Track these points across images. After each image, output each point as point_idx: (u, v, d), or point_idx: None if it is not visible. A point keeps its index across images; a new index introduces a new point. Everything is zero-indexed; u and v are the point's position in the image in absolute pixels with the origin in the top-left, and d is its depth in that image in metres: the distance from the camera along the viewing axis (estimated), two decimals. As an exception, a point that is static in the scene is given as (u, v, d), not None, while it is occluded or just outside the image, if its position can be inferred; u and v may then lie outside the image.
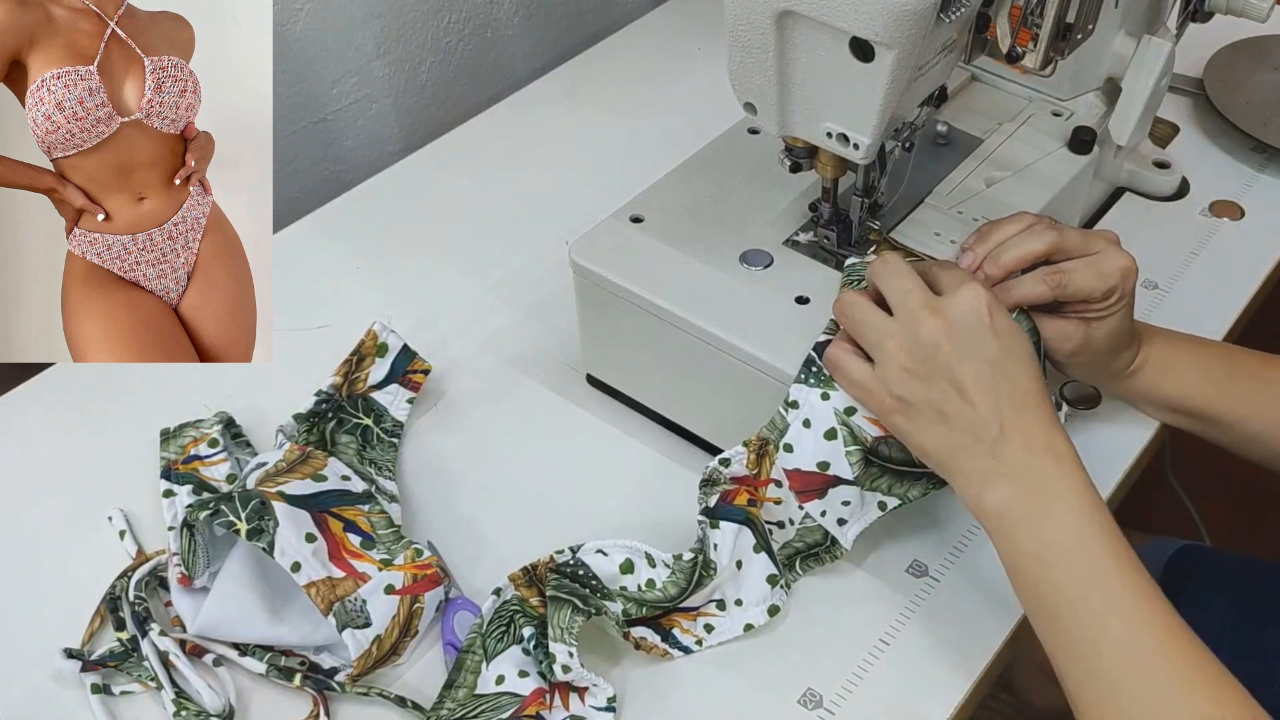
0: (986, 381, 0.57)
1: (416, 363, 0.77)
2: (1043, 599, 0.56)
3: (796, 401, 0.63)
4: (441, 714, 0.60)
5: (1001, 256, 0.63)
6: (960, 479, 0.58)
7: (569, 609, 0.61)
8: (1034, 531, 0.56)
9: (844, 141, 0.63)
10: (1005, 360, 0.57)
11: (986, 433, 0.57)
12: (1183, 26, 0.82)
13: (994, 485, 0.57)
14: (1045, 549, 0.56)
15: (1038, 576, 0.56)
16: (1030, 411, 0.57)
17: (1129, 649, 0.53)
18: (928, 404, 0.58)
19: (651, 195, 0.75)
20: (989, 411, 0.57)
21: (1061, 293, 0.63)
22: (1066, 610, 0.55)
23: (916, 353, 0.58)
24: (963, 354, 0.57)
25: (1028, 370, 0.58)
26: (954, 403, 0.57)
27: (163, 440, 0.73)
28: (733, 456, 0.64)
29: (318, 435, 0.71)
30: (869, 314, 0.60)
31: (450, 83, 1.09)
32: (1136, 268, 0.64)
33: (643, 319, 0.69)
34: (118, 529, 0.70)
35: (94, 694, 0.62)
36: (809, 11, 0.57)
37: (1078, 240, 0.64)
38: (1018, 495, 0.56)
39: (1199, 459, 0.93)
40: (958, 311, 0.58)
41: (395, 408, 0.75)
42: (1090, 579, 0.54)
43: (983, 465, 0.57)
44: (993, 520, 0.57)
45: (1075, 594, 0.54)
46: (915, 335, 0.58)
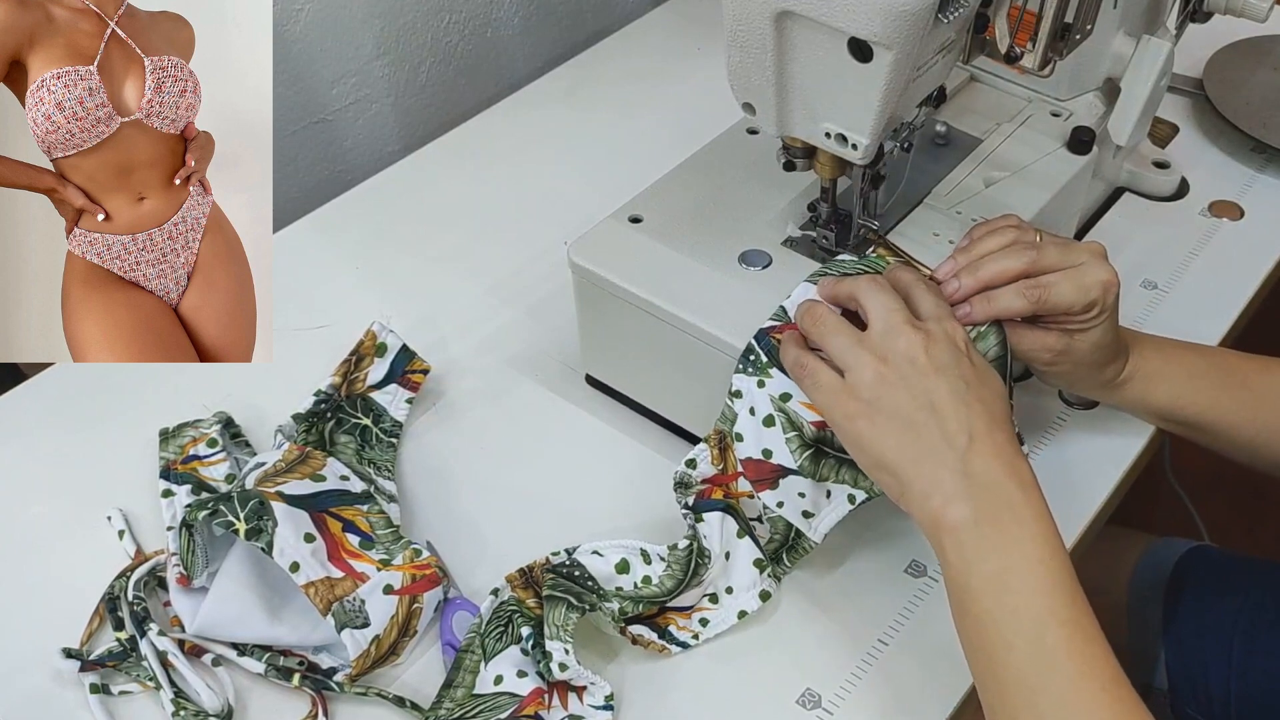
0: (960, 395, 0.57)
1: (415, 363, 0.77)
2: (996, 625, 0.54)
3: (740, 390, 0.63)
4: (440, 714, 0.60)
5: (978, 272, 0.63)
6: (920, 486, 0.57)
7: (563, 606, 0.61)
8: (996, 553, 0.54)
9: (842, 142, 0.63)
10: (979, 384, 0.58)
11: (956, 442, 0.56)
12: (1182, 26, 0.82)
13: (961, 499, 0.55)
14: (1006, 573, 0.54)
15: (993, 600, 0.54)
16: (999, 434, 0.57)
17: (1078, 690, 0.52)
18: (896, 410, 0.57)
19: (650, 195, 0.75)
20: (959, 424, 0.56)
21: (1040, 306, 0.63)
22: (1019, 641, 0.53)
23: (893, 360, 0.58)
24: (939, 368, 0.57)
25: (999, 398, 0.58)
26: (924, 411, 0.57)
27: (161, 440, 0.73)
28: (698, 455, 0.65)
29: (316, 435, 0.72)
30: (842, 327, 0.60)
31: (450, 83, 1.09)
32: (1118, 282, 0.64)
33: (641, 319, 0.70)
34: (116, 529, 0.70)
35: (93, 694, 0.62)
36: (807, 12, 0.57)
37: (1057, 255, 0.64)
38: (984, 512, 0.55)
39: (1199, 459, 0.93)
40: (938, 333, 0.58)
41: (394, 408, 0.75)
42: (1049, 612, 0.53)
43: (948, 476, 0.56)
44: (951, 534, 0.55)
45: (1030, 626, 0.53)
46: (894, 345, 0.58)
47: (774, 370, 0.63)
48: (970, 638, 0.56)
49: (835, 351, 0.60)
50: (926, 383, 0.57)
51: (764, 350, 0.63)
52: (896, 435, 0.57)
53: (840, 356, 0.60)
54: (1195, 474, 1.02)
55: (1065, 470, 0.73)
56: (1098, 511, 0.71)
